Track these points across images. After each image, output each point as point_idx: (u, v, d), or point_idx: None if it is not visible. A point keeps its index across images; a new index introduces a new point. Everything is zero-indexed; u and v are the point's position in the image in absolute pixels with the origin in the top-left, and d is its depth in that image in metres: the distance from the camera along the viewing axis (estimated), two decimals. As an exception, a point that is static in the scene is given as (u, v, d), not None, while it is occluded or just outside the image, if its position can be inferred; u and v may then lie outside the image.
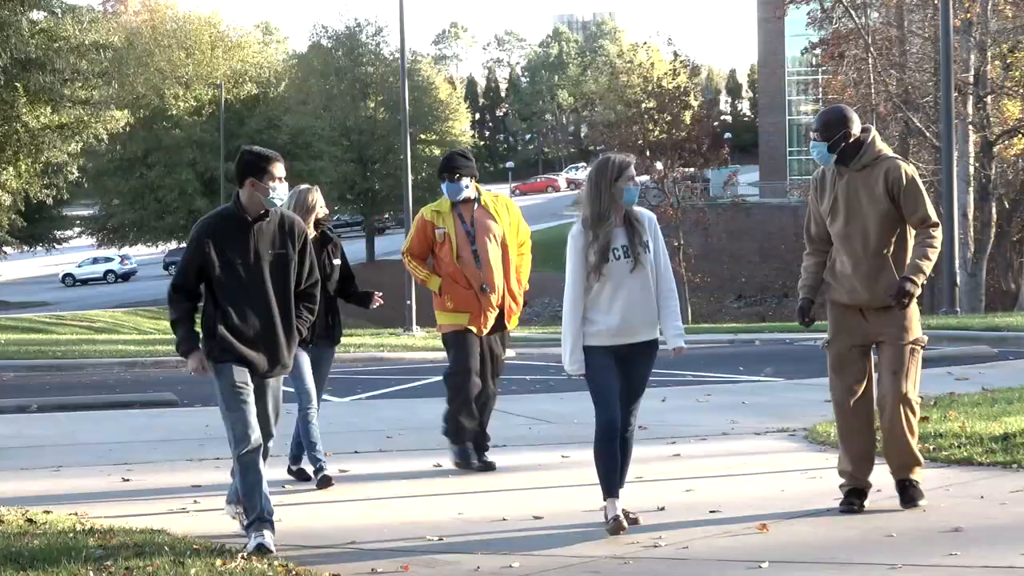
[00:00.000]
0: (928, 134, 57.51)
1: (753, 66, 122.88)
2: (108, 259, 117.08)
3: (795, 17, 73.82)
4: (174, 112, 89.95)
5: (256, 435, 10.55)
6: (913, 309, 11.20)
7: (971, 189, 55.24)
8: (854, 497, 11.34)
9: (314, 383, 14.04)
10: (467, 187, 14.00)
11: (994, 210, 60.09)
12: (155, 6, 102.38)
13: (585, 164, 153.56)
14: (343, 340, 15.35)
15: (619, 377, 10.81)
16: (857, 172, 11.09)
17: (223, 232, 10.64)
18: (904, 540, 10.45)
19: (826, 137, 11.10)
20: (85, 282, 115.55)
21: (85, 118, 58.46)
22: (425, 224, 14.17)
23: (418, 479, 13.78)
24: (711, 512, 11.40)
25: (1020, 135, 60.75)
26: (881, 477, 13.22)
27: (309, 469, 14.01)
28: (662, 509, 11.61)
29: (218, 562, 9.93)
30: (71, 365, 33.51)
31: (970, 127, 55.56)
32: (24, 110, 54.30)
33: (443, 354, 15.35)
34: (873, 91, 63.57)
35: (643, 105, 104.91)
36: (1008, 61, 61.16)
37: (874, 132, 11.28)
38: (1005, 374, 22.34)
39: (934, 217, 11.07)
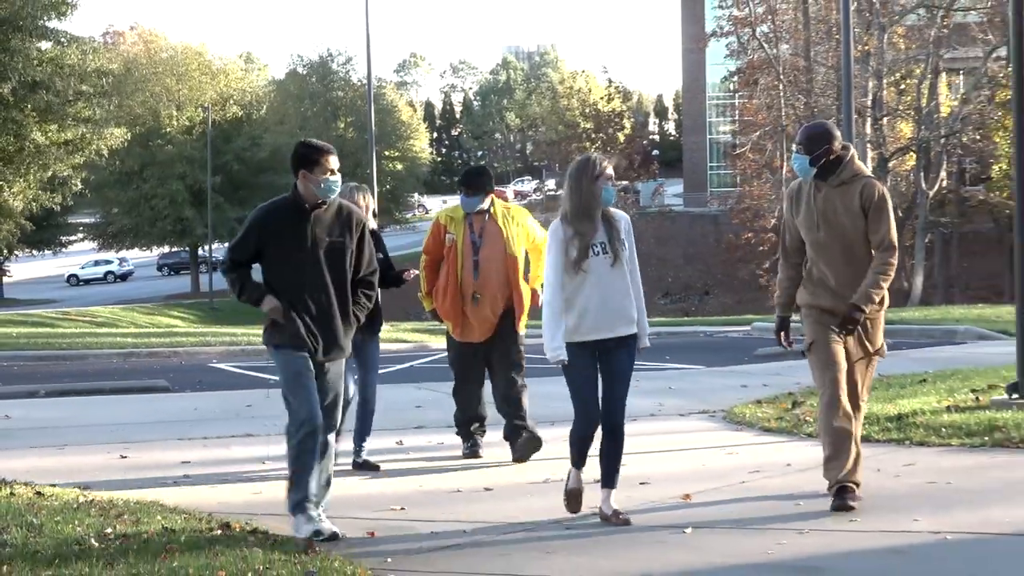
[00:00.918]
0: (832, 152, 57.57)
1: (678, 91, 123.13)
2: (108, 261, 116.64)
3: (715, 48, 74.00)
4: (168, 131, 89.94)
5: (316, 419, 9.78)
6: (881, 319, 10.59)
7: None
8: (847, 494, 10.12)
9: (368, 375, 13.40)
10: (481, 201, 13.32)
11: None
12: (149, 37, 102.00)
13: (531, 177, 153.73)
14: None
15: (598, 373, 10.01)
16: (835, 188, 10.29)
17: (280, 219, 9.93)
18: (811, 508, 10.47)
19: (809, 151, 10.30)
20: (88, 282, 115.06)
21: (87, 135, 58.48)
22: (439, 227, 13.46)
23: (382, 455, 13.73)
24: (641, 484, 11.40)
25: (911, 152, 61.04)
26: (793, 452, 13.26)
27: (372, 458, 13.31)
28: (598, 481, 11.58)
29: (205, 529, 9.90)
30: (75, 355, 33.36)
31: (868, 145, 55.81)
32: (33, 128, 54.16)
33: (405, 345, 15.32)
34: (783, 113, 63.77)
35: (581, 126, 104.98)
36: (901, 87, 61.54)
37: (853, 151, 10.51)
38: (899, 363, 22.43)
39: (894, 240, 10.32)
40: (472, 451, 13.76)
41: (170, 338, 39.26)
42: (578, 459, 10.17)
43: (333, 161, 10.00)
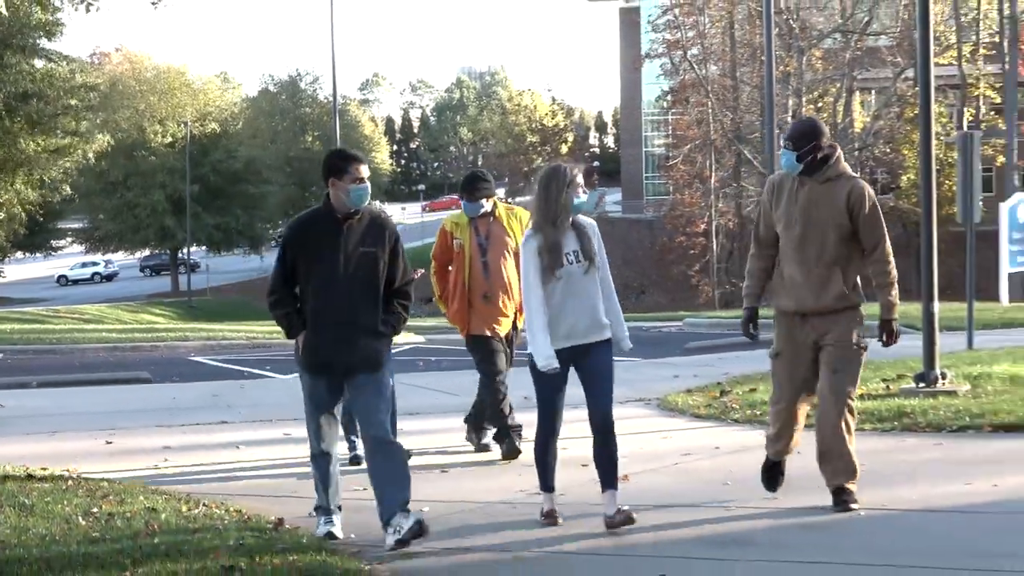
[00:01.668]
0: (755, 163, 57.83)
1: (616, 108, 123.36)
2: (95, 263, 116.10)
3: (650, 69, 74.07)
4: (152, 144, 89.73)
5: (321, 445, 9.27)
6: (858, 313, 9.61)
7: (790, 207, 55.64)
8: (776, 469, 10.10)
9: None
10: (484, 205, 12.51)
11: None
12: (134, 58, 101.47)
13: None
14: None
15: (566, 380, 9.19)
16: (820, 184, 9.45)
17: (312, 229, 9.10)
18: (735, 487, 10.50)
19: (797, 147, 9.43)
20: (76, 282, 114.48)
21: (75, 144, 58.42)
22: (445, 234, 12.70)
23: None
24: (582, 466, 11.37)
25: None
26: (721, 437, 13.28)
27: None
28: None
29: (183, 508, 9.88)
30: (64, 349, 33.25)
31: (789, 158, 55.99)
32: (24, 138, 54.03)
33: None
34: (712, 128, 63.94)
35: (528, 140, 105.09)
36: (819, 105, 61.73)
37: (839, 150, 9.68)
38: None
39: (888, 248, 9.53)
40: (484, 446, 12.94)
41: (152, 334, 39.14)
42: (544, 477, 9.38)
43: (361, 169, 9.14)
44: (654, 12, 68.84)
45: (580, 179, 9.22)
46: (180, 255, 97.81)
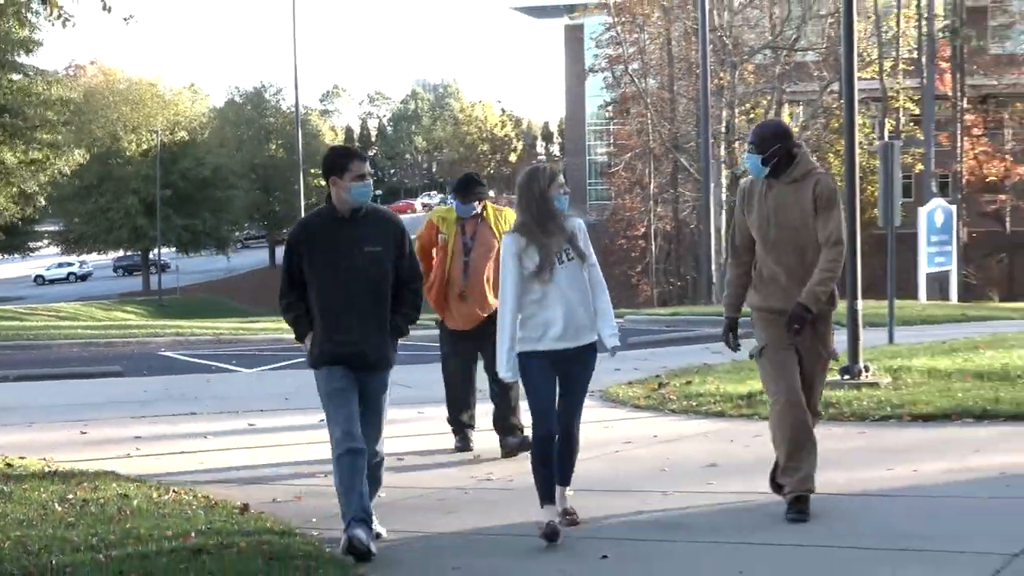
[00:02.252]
0: (692, 170, 57.91)
1: (562, 119, 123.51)
2: (70, 264, 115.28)
3: (593, 82, 74.21)
4: (126, 153, 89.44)
5: (352, 440, 8.22)
6: (831, 317, 8.96)
7: (723, 212, 55.81)
8: (804, 505, 8.61)
9: None
10: (476, 207, 12.00)
11: (740, 227, 60.86)
12: (108, 71, 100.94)
13: (436, 192, 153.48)
14: (251, 325, 14.97)
15: (556, 382, 8.54)
16: (787, 185, 8.73)
17: (316, 230, 8.42)
18: (674, 473, 10.52)
19: (761, 150, 8.73)
20: (52, 282, 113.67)
21: (51, 156, 58.14)
22: (432, 226, 12.16)
23: (308, 430, 13.66)
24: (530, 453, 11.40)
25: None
26: (659, 426, 13.30)
27: None
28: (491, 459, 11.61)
29: (154, 494, 9.84)
30: (41, 345, 33.02)
31: (723, 165, 56.17)
32: (2, 149, 53.74)
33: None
34: (651, 138, 64.02)
35: (479, 148, 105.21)
36: (751, 116, 61.91)
37: (804, 147, 8.98)
38: (749, 349, 22.52)
39: (842, 237, 8.68)
40: (464, 445, 12.28)
41: (124, 330, 38.92)
42: (544, 488, 8.49)
43: (360, 166, 8.42)
44: (597, 29, 68.92)
45: (561, 178, 8.61)
46: (151, 256, 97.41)
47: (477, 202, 12.06)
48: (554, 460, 8.47)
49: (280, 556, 7.63)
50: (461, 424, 12.36)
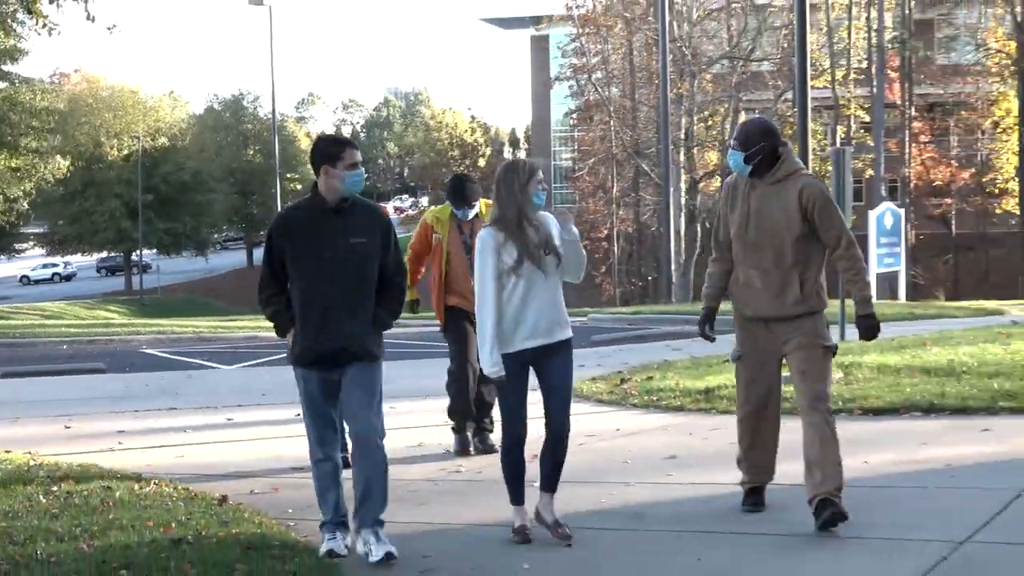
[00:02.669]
0: (653, 175, 57.99)
1: (528, 125, 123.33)
2: (55, 265, 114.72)
3: (559, 90, 74.09)
4: (109, 158, 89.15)
5: (324, 448, 7.92)
6: (822, 316, 8.34)
7: (683, 215, 56.02)
8: (757, 496, 8.56)
9: None
10: (474, 209, 11.28)
11: (699, 229, 61.01)
12: (91, 78, 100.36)
13: (407, 195, 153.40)
14: (230, 323, 14.90)
15: (531, 381, 8.00)
16: (771, 185, 8.11)
17: (299, 221, 7.80)
18: (636, 465, 10.53)
19: (744, 147, 8.11)
20: (37, 282, 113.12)
21: (36, 163, 57.93)
22: (426, 227, 11.46)
23: (285, 424, 13.63)
24: (496, 448, 11.40)
25: (716, 176, 61.65)
26: (621, 420, 13.30)
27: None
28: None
29: (136, 487, 9.80)
30: (26, 343, 32.90)
31: (682, 170, 56.36)
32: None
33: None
34: (614, 144, 64.07)
35: (449, 154, 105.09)
36: (708, 123, 62.14)
37: (790, 147, 8.33)
38: (707, 346, 22.57)
39: (850, 234, 8.18)
40: (463, 448, 11.57)
41: (107, 328, 38.82)
42: (514, 491, 8.05)
43: (354, 155, 7.82)
44: (562, 39, 68.93)
45: (540, 175, 8.00)
46: (133, 257, 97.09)
47: (476, 203, 11.38)
48: (523, 462, 8.02)
49: (256, 545, 7.62)
50: (464, 427, 11.65)
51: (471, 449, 11.53)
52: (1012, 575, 6.74)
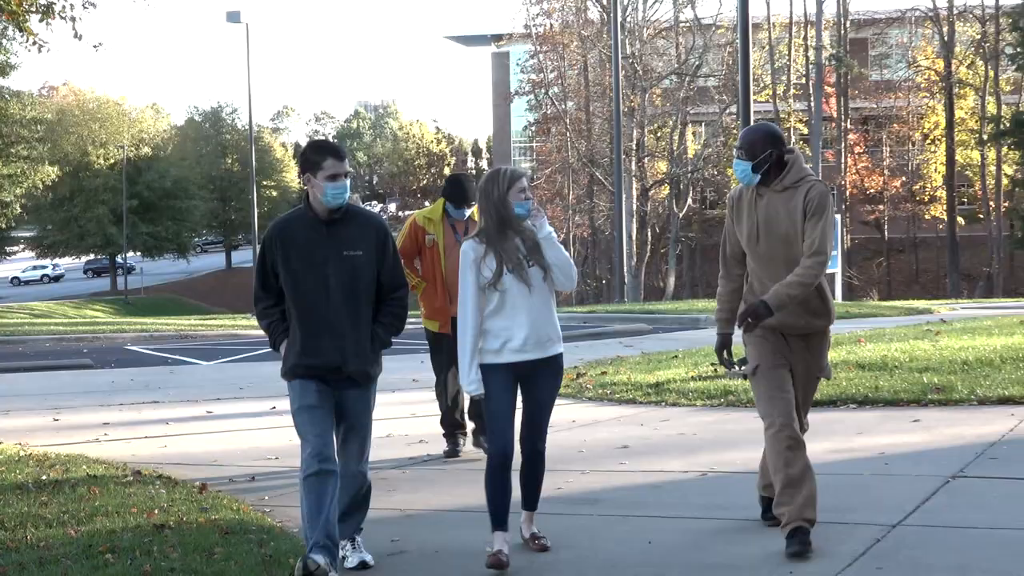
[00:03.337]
0: (606, 183, 58.09)
1: (490, 136, 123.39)
2: (44, 267, 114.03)
3: (518, 104, 74.11)
4: (96, 167, 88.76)
5: (322, 460, 6.69)
6: (829, 339, 7.59)
7: (634, 220, 56.13)
8: (805, 536, 6.90)
9: None
10: (471, 208, 10.42)
11: (649, 233, 61.26)
12: (78, 91, 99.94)
13: (376, 202, 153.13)
14: (210, 321, 14.82)
15: (519, 397, 7.29)
16: (779, 193, 7.24)
17: (292, 233, 6.90)
18: (591, 454, 10.53)
19: (751, 156, 7.24)
20: (28, 283, 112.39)
21: (26, 170, 57.76)
22: (416, 229, 10.58)
23: (260, 417, 13.60)
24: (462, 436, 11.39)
25: (666, 184, 61.83)
26: (577, 412, 13.31)
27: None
28: (425, 441, 11.57)
29: (121, 475, 9.76)
30: (16, 340, 32.61)
31: (634, 178, 56.46)
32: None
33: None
34: (570, 154, 64.15)
35: (416, 163, 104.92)
36: (658, 135, 62.32)
37: (797, 152, 7.44)
38: (657, 343, 22.67)
39: (826, 248, 7.07)
40: (453, 451, 10.79)
41: (93, 326, 38.57)
42: (496, 511, 7.14)
43: (336, 165, 6.82)
44: (522, 56, 69.05)
45: (523, 183, 7.17)
46: (118, 259, 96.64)
47: (473, 202, 10.39)
48: (509, 484, 7.16)
49: (235, 530, 7.60)
50: (454, 433, 10.92)
51: (459, 453, 10.76)
52: (939, 555, 6.77)
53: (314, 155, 6.85)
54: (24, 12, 18.14)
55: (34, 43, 19.15)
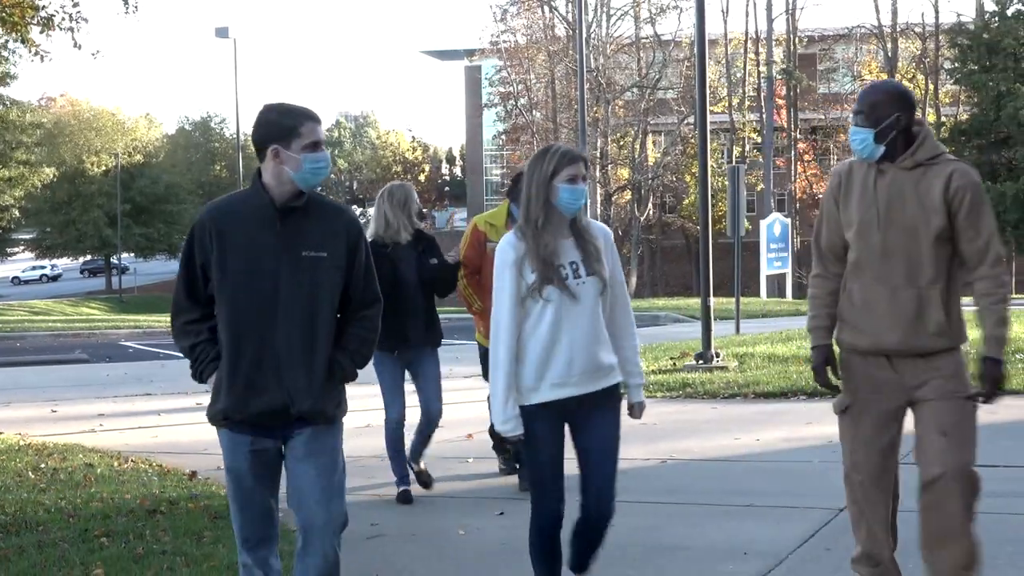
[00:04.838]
0: (572, 189, 58.14)
1: (463, 145, 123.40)
2: (43, 267, 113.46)
3: (489, 114, 74.16)
4: (91, 173, 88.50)
5: (260, 552, 4.85)
6: (960, 354, 5.11)
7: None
8: None
9: (427, 389, 8.90)
10: None
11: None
12: (75, 101, 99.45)
13: (356, 207, 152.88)
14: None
15: (563, 442, 5.45)
16: (907, 171, 5.02)
17: (233, 223, 4.68)
18: (558, 443, 10.51)
19: (873, 122, 5.02)
20: (27, 282, 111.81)
21: (26, 173, 57.63)
22: (478, 234, 8.63)
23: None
24: (439, 426, 11.37)
25: (628, 189, 61.91)
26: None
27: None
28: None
29: (115, 463, 9.72)
30: (16, 336, 32.48)
31: (598, 185, 56.51)
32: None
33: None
34: (538, 162, 64.23)
35: (393, 170, 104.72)
36: (621, 144, 62.38)
37: (928, 126, 5.18)
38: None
39: (1000, 251, 5.06)
40: (510, 466, 9.21)
41: (89, 323, 38.39)
42: None
43: (315, 130, 4.74)
44: (491, 70, 69.17)
45: (577, 168, 5.06)
46: (113, 260, 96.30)
47: None
48: (559, 546, 5.45)
49: (223, 515, 7.55)
50: (504, 447, 9.32)
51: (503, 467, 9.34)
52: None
53: (286, 119, 4.71)
54: (26, 24, 18.05)
55: (36, 53, 19.08)
